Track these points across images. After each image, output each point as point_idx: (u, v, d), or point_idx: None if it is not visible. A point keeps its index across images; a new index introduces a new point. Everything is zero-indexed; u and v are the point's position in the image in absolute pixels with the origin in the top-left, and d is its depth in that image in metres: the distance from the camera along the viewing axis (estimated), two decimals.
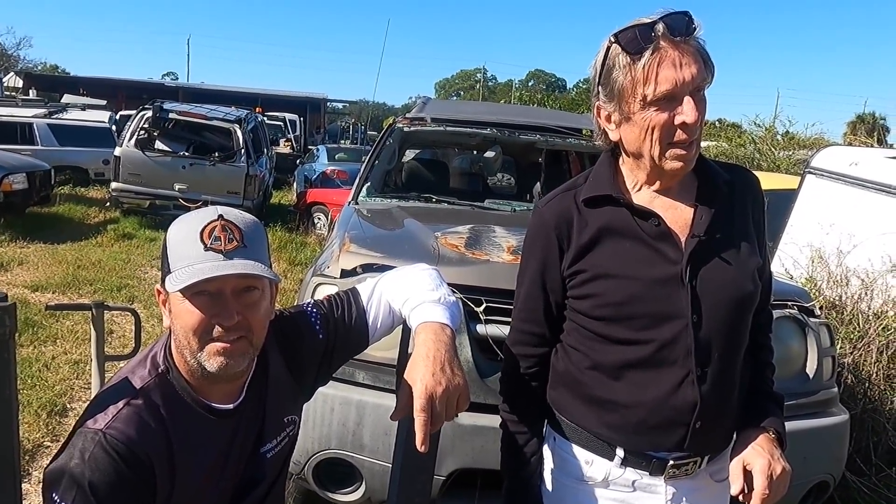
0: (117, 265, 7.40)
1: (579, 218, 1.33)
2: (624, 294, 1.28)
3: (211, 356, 1.17)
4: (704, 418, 1.28)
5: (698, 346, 1.26)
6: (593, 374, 1.35)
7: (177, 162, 9.72)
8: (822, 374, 2.40)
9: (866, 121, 24.17)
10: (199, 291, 1.14)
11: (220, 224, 1.17)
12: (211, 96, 23.03)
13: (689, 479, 1.35)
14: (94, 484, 1.11)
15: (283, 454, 1.38)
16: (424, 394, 1.16)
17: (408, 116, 4.11)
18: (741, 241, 1.31)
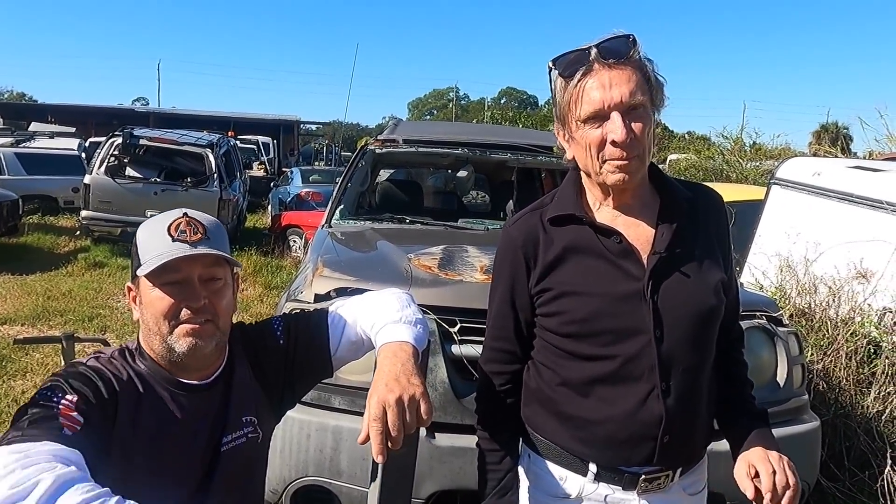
0: (88, 294, 7.27)
1: (545, 236, 1.36)
2: (587, 311, 1.31)
3: (181, 338, 1.27)
4: (671, 432, 1.30)
5: (662, 361, 1.29)
6: (563, 390, 1.37)
7: (148, 188, 9.61)
8: (793, 382, 2.44)
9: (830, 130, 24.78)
10: (169, 280, 1.26)
11: (185, 220, 1.30)
12: (183, 121, 22.90)
13: (663, 492, 1.37)
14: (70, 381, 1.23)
15: (242, 454, 1.37)
16: (378, 404, 1.18)
17: (379, 138, 4.13)
18: (703, 257, 1.34)
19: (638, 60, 1.25)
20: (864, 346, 3.39)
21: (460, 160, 4.18)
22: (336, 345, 1.47)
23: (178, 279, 1.27)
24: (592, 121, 1.24)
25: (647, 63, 1.26)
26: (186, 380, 1.33)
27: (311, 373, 1.51)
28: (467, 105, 62.61)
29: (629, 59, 1.24)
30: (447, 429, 2.13)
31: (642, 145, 1.25)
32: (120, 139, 9.63)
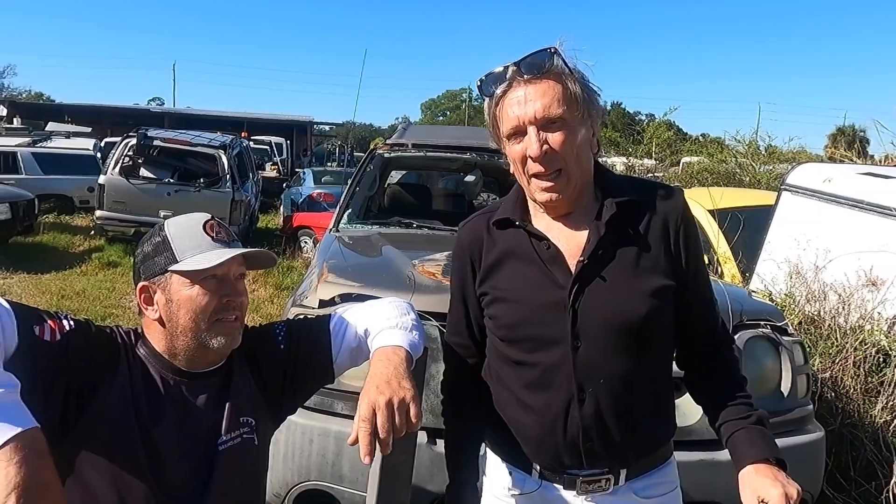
0: (102, 294, 7.36)
1: (489, 239, 1.39)
2: (514, 317, 1.34)
3: (218, 335, 1.33)
4: (593, 439, 1.32)
5: (578, 370, 1.30)
6: (503, 392, 1.42)
7: (161, 189, 9.71)
8: (797, 392, 2.43)
9: (846, 133, 24.55)
10: (210, 276, 1.31)
11: (216, 222, 1.38)
12: (197, 121, 23.10)
13: (610, 495, 1.38)
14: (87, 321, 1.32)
15: (236, 455, 1.39)
16: (367, 406, 1.21)
17: (388, 142, 4.15)
18: (637, 262, 1.30)
19: (558, 73, 1.25)
20: (872, 355, 3.36)
21: (468, 165, 4.19)
22: (337, 351, 1.49)
23: (217, 274, 1.31)
24: (514, 137, 1.27)
25: (572, 74, 1.26)
26: (185, 367, 1.37)
27: (312, 379, 1.54)
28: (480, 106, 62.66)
29: (548, 72, 1.24)
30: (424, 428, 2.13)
31: (562, 159, 1.25)
32: (134, 140, 9.75)
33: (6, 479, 0.99)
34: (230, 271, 1.34)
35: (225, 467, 1.37)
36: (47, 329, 1.22)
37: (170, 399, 1.34)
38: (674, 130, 14.82)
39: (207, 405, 1.38)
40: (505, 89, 1.26)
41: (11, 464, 1.00)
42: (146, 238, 1.40)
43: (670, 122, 15.16)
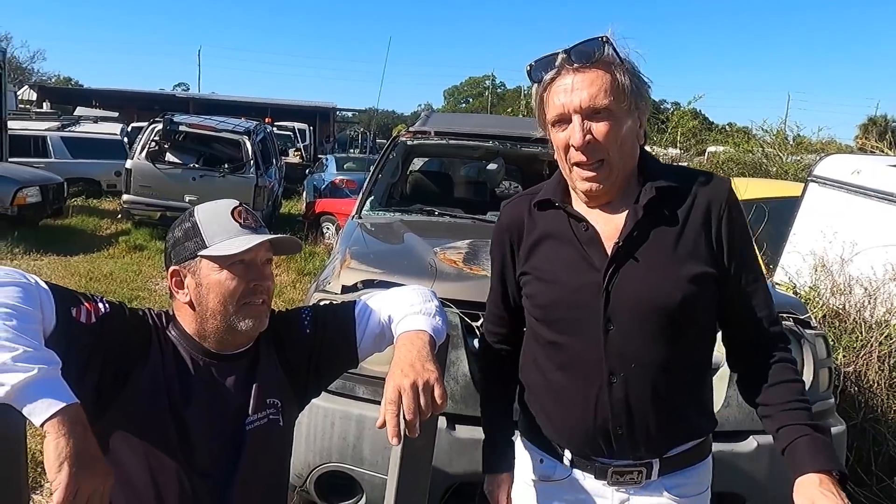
0: (129, 276, 7.51)
1: (529, 220, 1.41)
2: (549, 297, 1.36)
3: (246, 318, 1.36)
4: (623, 424, 1.31)
5: (609, 354, 1.29)
6: (536, 375, 1.43)
7: (187, 174, 9.83)
8: (819, 386, 2.42)
9: (878, 123, 24.00)
10: (238, 261, 1.34)
11: (244, 208, 1.41)
12: (222, 107, 23.30)
13: (642, 489, 1.38)
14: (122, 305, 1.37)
15: (264, 435, 1.42)
16: (393, 389, 1.24)
17: (411, 130, 4.16)
18: (676, 248, 1.29)
19: (608, 62, 1.24)
20: None
21: (491, 153, 4.19)
22: (361, 336, 1.52)
23: (245, 259, 1.35)
24: (558, 124, 1.27)
25: (622, 64, 1.25)
26: (215, 349, 1.40)
27: (337, 363, 1.57)
28: (503, 94, 62.17)
29: (598, 61, 1.24)
30: (467, 421, 2.17)
31: (604, 149, 1.25)
32: (160, 125, 9.87)
33: (56, 450, 1.03)
34: (257, 256, 1.37)
35: (252, 447, 1.41)
36: (83, 311, 1.26)
37: (200, 380, 1.38)
38: (699, 119, 14.57)
39: (235, 386, 1.41)
40: (553, 76, 1.26)
41: (60, 435, 1.04)
42: (177, 223, 1.42)
43: (696, 111, 14.91)
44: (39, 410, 1.05)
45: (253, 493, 1.43)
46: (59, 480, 1.02)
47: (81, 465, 1.04)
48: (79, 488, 1.03)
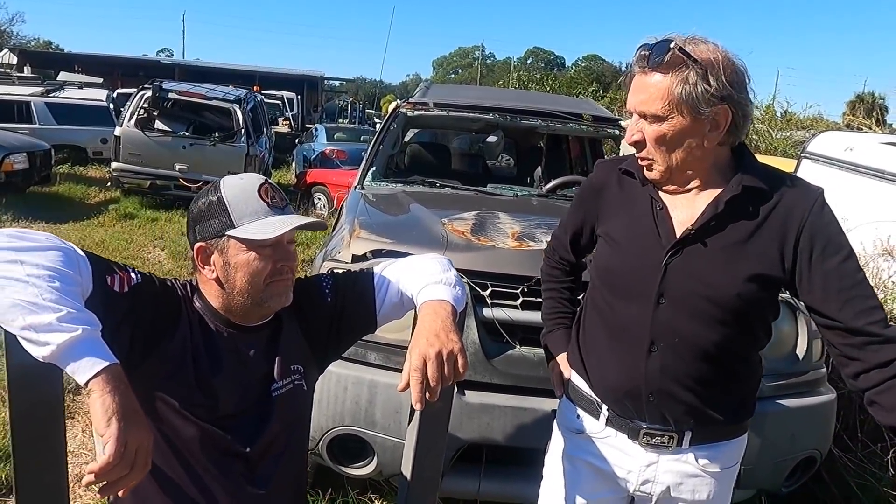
0: (120, 245, 7.46)
1: (617, 185, 1.50)
2: (613, 262, 1.45)
3: (275, 295, 1.39)
4: (655, 392, 1.41)
5: (656, 325, 1.37)
6: (589, 333, 1.55)
7: (177, 142, 9.71)
8: (812, 356, 2.51)
9: (865, 100, 24.12)
10: (266, 244, 1.35)
11: (269, 185, 1.40)
12: (208, 74, 22.95)
13: (672, 454, 1.46)
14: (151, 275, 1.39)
15: (289, 401, 1.48)
16: (419, 356, 1.29)
17: (411, 101, 4.17)
18: (744, 245, 1.33)
19: (671, 67, 1.26)
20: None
21: (490, 125, 4.21)
22: (381, 304, 1.56)
23: (273, 242, 1.35)
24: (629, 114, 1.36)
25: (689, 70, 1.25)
26: (239, 322, 1.43)
27: (356, 330, 1.61)
28: (493, 65, 61.62)
29: (660, 65, 1.27)
30: (477, 387, 2.24)
31: (649, 150, 1.35)
32: (149, 92, 9.70)
33: (103, 405, 1.07)
34: (284, 237, 1.38)
35: (280, 412, 1.46)
36: (117, 280, 1.28)
37: (226, 349, 1.41)
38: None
39: (260, 355, 1.45)
40: (634, 72, 1.34)
41: (106, 392, 1.08)
42: (201, 195, 1.42)
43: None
44: (84, 369, 1.08)
45: (279, 456, 1.48)
46: (109, 434, 1.06)
47: (128, 421, 1.08)
48: (128, 442, 1.07)
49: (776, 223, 1.33)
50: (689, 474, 1.47)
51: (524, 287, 2.31)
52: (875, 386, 1.26)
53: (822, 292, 1.30)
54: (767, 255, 1.33)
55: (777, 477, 2.38)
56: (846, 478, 2.88)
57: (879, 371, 1.25)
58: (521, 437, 2.22)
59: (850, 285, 1.29)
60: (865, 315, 1.27)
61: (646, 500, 1.52)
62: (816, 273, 1.31)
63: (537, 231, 2.60)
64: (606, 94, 17.73)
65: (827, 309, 1.30)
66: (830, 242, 1.31)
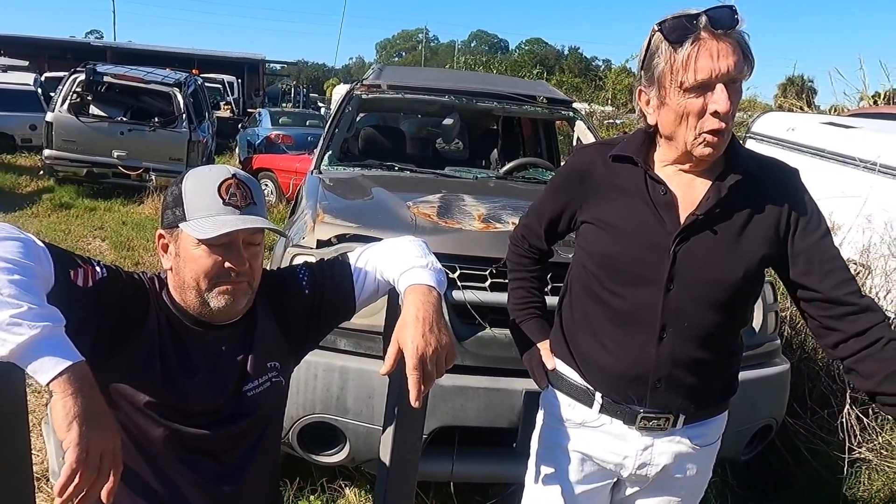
0: (57, 237, 7.12)
1: (603, 171, 1.45)
2: (614, 248, 1.41)
3: (218, 295, 1.31)
4: (663, 378, 1.41)
5: (666, 311, 1.37)
6: (581, 324, 1.50)
7: (114, 128, 9.31)
8: (767, 328, 2.61)
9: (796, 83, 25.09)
10: (215, 242, 1.27)
11: (235, 182, 1.31)
12: (143, 57, 21.95)
13: (666, 436, 1.48)
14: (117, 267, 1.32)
15: (266, 398, 1.44)
16: (416, 354, 1.26)
17: (365, 83, 4.10)
18: (747, 230, 1.36)
19: (740, 34, 1.26)
20: None
21: (446, 108, 4.18)
22: (360, 291, 1.52)
23: (224, 241, 1.28)
24: (697, 90, 1.26)
25: (745, 37, 1.27)
26: (206, 319, 1.37)
27: (336, 319, 1.57)
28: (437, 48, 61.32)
29: (734, 31, 1.25)
30: (449, 369, 2.23)
31: (731, 118, 1.29)
32: (83, 75, 9.25)
33: (64, 409, 1.01)
34: (238, 238, 1.30)
35: (254, 410, 1.42)
36: (81, 274, 1.21)
37: (196, 347, 1.36)
38: (634, 77, 14.90)
39: (233, 353, 1.40)
40: (694, 39, 1.24)
41: (67, 395, 1.02)
42: (173, 183, 1.37)
43: (629, 70, 15.26)
44: (46, 369, 1.02)
45: (252, 451, 1.44)
46: (70, 440, 1.00)
47: (91, 424, 1.02)
48: (90, 448, 1.02)
49: (769, 204, 1.37)
50: (682, 453, 1.50)
51: (492, 269, 2.31)
52: (853, 354, 1.32)
53: (805, 266, 1.36)
54: (767, 235, 1.37)
55: (738, 445, 2.47)
56: (797, 443, 3.02)
57: (857, 340, 1.31)
58: (494, 417, 2.24)
59: (830, 258, 1.35)
60: (844, 286, 1.33)
61: (641, 482, 1.54)
62: (800, 248, 1.36)
63: (503, 213, 2.61)
64: (551, 77, 17.90)
65: (809, 281, 1.35)
66: (812, 219, 1.37)
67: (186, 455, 1.36)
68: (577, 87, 14.11)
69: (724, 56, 1.23)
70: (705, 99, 1.26)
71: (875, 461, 2.88)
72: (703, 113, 1.27)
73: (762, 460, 2.91)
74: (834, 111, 11.34)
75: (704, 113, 1.27)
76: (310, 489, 2.65)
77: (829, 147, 4.13)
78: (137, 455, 1.32)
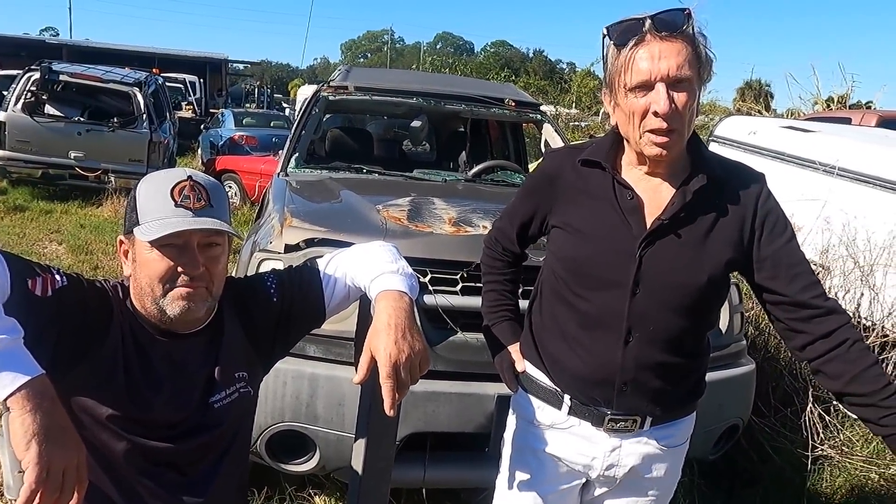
0: (11, 240, 6.88)
1: (573, 175, 1.45)
2: (582, 253, 1.41)
3: (174, 301, 1.27)
4: (629, 382, 1.41)
5: (632, 314, 1.38)
6: (550, 327, 1.51)
7: (71, 128, 9.03)
8: (734, 329, 2.65)
9: (753, 87, 25.69)
10: (168, 243, 1.24)
11: (189, 184, 1.27)
12: (101, 55, 21.42)
13: (634, 437, 1.49)
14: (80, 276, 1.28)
15: (234, 410, 1.40)
16: (389, 362, 1.24)
17: (332, 84, 4.05)
18: (711, 234, 1.37)
19: (691, 35, 1.27)
20: None
21: (414, 109, 4.16)
22: (329, 298, 1.50)
23: (177, 243, 1.25)
24: (639, 90, 1.27)
25: (700, 38, 1.28)
26: (168, 328, 1.33)
27: (305, 327, 1.54)
28: (402, 49, 61.23)
29: (682, 32, 1.26)
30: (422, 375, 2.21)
31: (683, 119, 1.29)
32: (37, 74, 8.96)
33: (23, 427, 0.97)
34: (192, 240, 1.26)
35: (222, 422, 1.39)
36: (39, 283, 1.17)
37: (161, 357, 1.32)
38: (599, 81, 15.13)
39: (199, 363, 1.37)
40: (637, 41, 1.26)
41: (26, 412, 0.98)
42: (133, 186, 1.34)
43: (593, 73, 15.48)
44: (3, 384, 0.98)
45: (218, 462, 1.41)
46: (29, 459, 0.97)
47: (51, 441, 0.99)
48: (50, 466, 0.98)
49: (734, 208, 1.38)
50: (650, 454, 1.51)
51: (464, 272, 2.30)
52: (821, 356, 1.35)
53: (771, 270, 1.37)
54: (732, 239, 1.37)
55: (706, 445, 2.50)
56: (762, 441, 3.08)
57: (823, 341, 1.34)
58: (467, 422, 2.22)
59: (796, 262, 1.37)
60: (810, 289, 1.36)
61: (609, 483, 1.54)
62: (766, 253, 1.37)
63: (473, 216, 2.60)
64: (517, 79, 18.02)
65: (775, 285, 1.37)
66: (778, 224, 1.38)
67: (150, 468, 1.32)
68: (542, 90, 14.24)
69: (666, 57, 1.25)
70: (648, 99, 1.28)
71: (837, 458, 2.95)
72: (646, 113, 1.29)
73: (728, 459, 2.95)
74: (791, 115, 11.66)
75: (647, 113, 1.29)
76: (278, 498, 2.60)
77: (789, 150, 4.23)
78: (99, 469, 1.27)
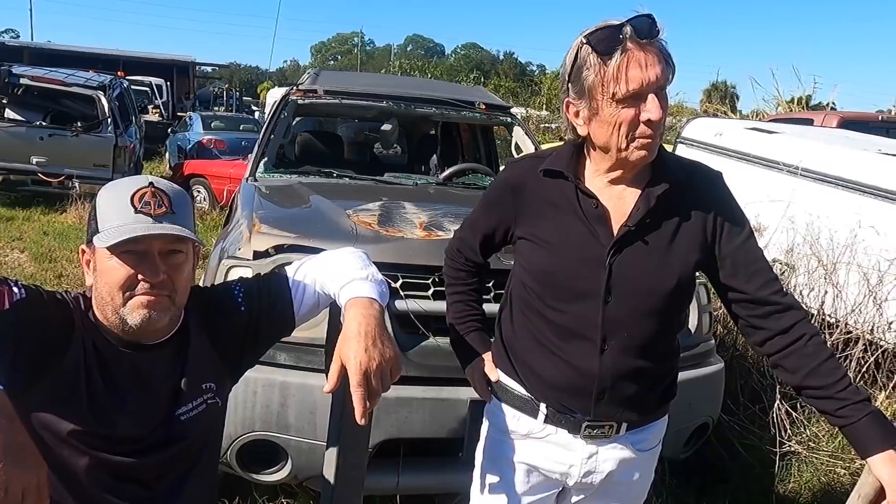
0: None
1: (535, 185, 1.43)
2: (552, 265, 1.40)
3: (134, 309, 1.24)
4: (607, 390, 1.42)
5: (605, 324, 1.38)
6: (524, 337, 1.49)
7: (33, 132, 8.81)
8: (702, 329, 2.68)
9: (719, 89, 26.20)
10: (127, 250, 1.21)
11: (151, 190, 1.25)
12: (63, 58, 20.90)
13: (610, 443, 1.49)
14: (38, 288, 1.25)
15: (202, 421, 1.38)
16: (360, 370, 1.23)
17: (301, 88, 4.02)
18: (677, 237, 1.37)
19: (661, 42, 1.27)
20: None
21: (384, 113, 4.14)
22: (298, 307, 1.47)
23: (137, 250, 1.22)
24: (629, 100, 1.25)
25: (665, 44, 1.28)
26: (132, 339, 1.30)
27: (274, 336, 1.52)
28: (373, 52, 61.06)
29: (656, 39, 1.25)
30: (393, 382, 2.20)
31: (664, 123, 1.30)
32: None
33: None
34: (153, 247, 1.24)
35: (188, 435, 1.36)
36: None
37: (124, 370, 1.29)
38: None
39: (164, 375, 1.34)
40: (622, 51, 1.23)
41: None
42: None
43: None
44: None
45: (185, 475, 1.39)
46: None
47: (10, 460, 0.97)
48: (9, 486, 0.95)
49: (696, 209, 1.39)
50: (625, 459, 1.51)
51: (435, 277, 2.29)
52: (779, 351, 1.38)
53: (731, 268, 1.39)
54: (697, 240, 1.39)
55: (677, 444, 2.53)
56: (731, 438, 3.12)
57: (782, 337, 1.37)
58: (440, 427, 2.21)
59: (754, 259, 1.40)
60: (768, 286, 1.38)
61: (587, 490, 1.54)
62: (726, 252, 1.39)
63: (444, 220, 2.59)
64: (488, 81, 18.08)
65: (735, 283, 1.39)
66: (736, 223, 1.40)
67: (114, 484, 1.29)
68: (513, 92, 14.32)
69: (652, 65, 1.24)
70: (638, 108, 1.27)
71: (804, 453, 3.01)
72: (637, 122, 1.28)
73: (698, 456, 2.99)
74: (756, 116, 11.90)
75: (638, 122, 1.28)
76: None
77: (754, 152, 4.31)
78: (61, 486, 1.25)
